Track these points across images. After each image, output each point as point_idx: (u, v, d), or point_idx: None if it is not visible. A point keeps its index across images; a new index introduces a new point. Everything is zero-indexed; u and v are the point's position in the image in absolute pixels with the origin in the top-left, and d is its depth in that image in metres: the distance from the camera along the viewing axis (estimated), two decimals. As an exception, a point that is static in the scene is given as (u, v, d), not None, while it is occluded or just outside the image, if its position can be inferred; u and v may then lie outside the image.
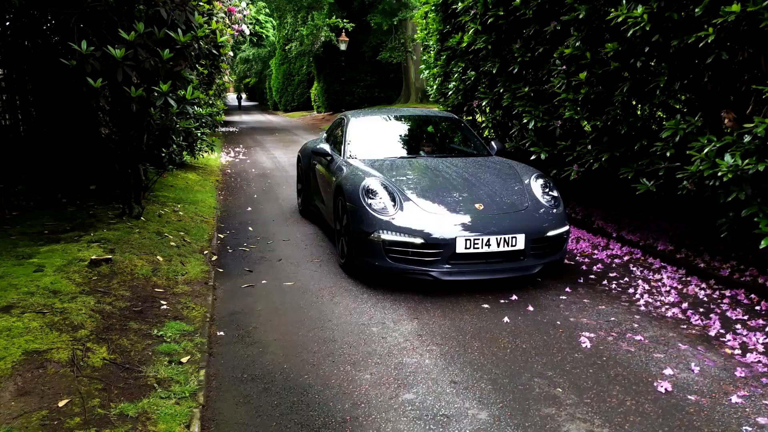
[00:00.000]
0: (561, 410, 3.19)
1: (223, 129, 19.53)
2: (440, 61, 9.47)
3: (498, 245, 4.80)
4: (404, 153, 6.59)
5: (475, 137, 6.92)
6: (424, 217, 4.92)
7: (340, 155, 6.46)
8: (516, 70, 7.17)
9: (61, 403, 3.04)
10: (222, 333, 4.23)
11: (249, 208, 8.71)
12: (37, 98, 8.27)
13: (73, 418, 2.94)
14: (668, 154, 5.19)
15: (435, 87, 9.94)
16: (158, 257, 5.39)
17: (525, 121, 7.01)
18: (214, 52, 6.04)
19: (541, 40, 6.77)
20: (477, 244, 4.77)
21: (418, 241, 4.80)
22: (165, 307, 4.43)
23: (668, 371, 3.59)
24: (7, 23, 7.58)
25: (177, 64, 5.25)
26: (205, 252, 6.05)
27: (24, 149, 7.67)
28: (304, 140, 20.50)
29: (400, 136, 7.10)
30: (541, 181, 5.57)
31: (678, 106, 5.72)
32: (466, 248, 4.76)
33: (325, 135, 7.97)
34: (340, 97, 29.33)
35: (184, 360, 3.62)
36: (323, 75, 34.26)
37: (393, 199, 5.08)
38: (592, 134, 6.23)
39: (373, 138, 6.76)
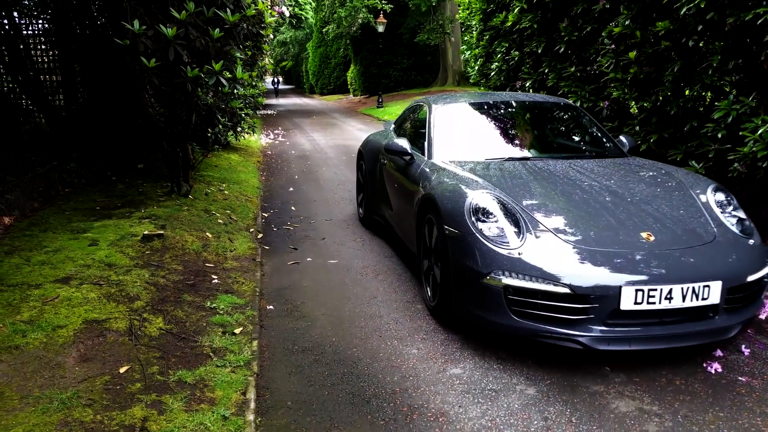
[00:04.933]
0: (609, 388, 3.19)
1: (261, 112, 19.74)
2: (483, 42, 9.38)
3: (683, 299, 3.24)
4: (512, 153, 4.92)
5: (601, 130, 5.35)
6: (566, 253, 3.38)
7: (424, 155, 4.97)
8: (562, 49, 7.07)
9: (122, 370, 3.17)
10: (271, 307, 4.33)
11: (291, 189, 8.82)
12: (84, 79, 8.49)
13: (134, 383, 3.06)
14: (719, 135, 5.09)
15: (476, 68, 9.86)
16: (207, 234, 5.52)
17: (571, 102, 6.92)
18: (261, 32, 6.10)
19: (589, 19, 6.67)
20: (653, 296, 3.21)
21: (562, 290, 3.24)
22: (216, 281, 4.55)
23: (718, 352, 3.55)
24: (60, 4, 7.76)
25: (226, 43, 5.33)
26: (251, 230, 6.18)
27: (75, 128, 7.89)
28: (341, 123, 20.64)
29: (502, 129, 5.43)
30: (720, 196, 4.02)
31: (727, 88, 5.59)
32: (636, 303, 3.20)
33: (393, 126, 6.57)
34: (376, 80, 29.27)
35: (237, 331, 3.73)
36: (360, 57, 34.25)
37: (516, 224, 3.57)
38: (640, 115, 6.13)
39: (468, 132, 5.24)
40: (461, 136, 5.12)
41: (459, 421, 2.90)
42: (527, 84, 7.94)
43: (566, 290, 3.24)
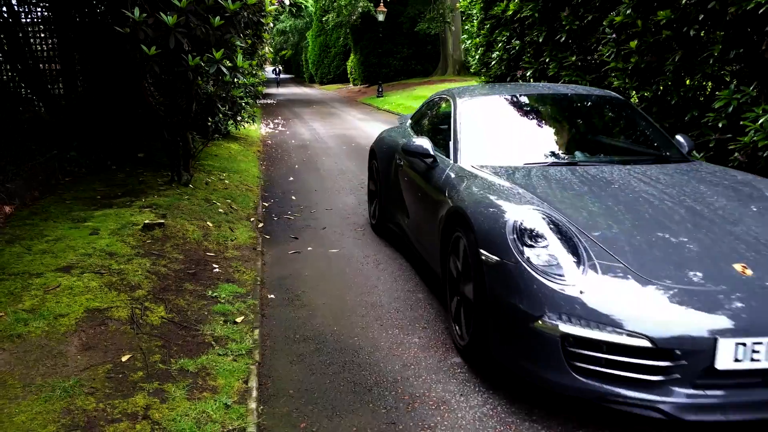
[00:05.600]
0: (610, 376, 3.21)
1: (261, 101, 19.71)
2: (484, 31, 9.37)
3: None
4: (556, 156, 4.11)
5: (655, 127, 4.51)
6: (643, 293, 2.62)
7: (449, 157, 4.20)
8: (563, 38, 7.06)
9: (123, 358, 3.18)
10: (272, 296, 4.34)
11: (291, 178, 8.82)
12: (84, 67, 8.45)
13: (136, 372, 3.07)
14: (720, 124, 5.09)
15: (477, 57, 9.85)
16: (208, 223, 5.52)
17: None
18: (261, 21, 6.08)
19: (590, 8, 6.65)
20: (758, 351, 2.46)
21: (640, 343, 2.50)
22: (217, 270, 4.56)
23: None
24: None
25: (226, 32, 5.31)
26: (252, 219, 6.18)
27: (75, 117, 7.87)
28: (341, 112, 20.59)
29: (542, 127, 4.61)
30: None
31: (728, 78, 5.60)
32: (736, 360, 2.45)
33: (410, 122, 5.79)
34: (376, 69, 29.17)
35: (238, 320, 3.74)
36: (360, 47, 34.14)
37: (573, 251, 2.81)
38: (641, 104, 6.13)
39: (501, 131, 4.45)
40: (493, 136, 4.38)
41: (460, 409, 2.92)
42: (528, 73, 7.93)
43: (645, 343, 2.49)
